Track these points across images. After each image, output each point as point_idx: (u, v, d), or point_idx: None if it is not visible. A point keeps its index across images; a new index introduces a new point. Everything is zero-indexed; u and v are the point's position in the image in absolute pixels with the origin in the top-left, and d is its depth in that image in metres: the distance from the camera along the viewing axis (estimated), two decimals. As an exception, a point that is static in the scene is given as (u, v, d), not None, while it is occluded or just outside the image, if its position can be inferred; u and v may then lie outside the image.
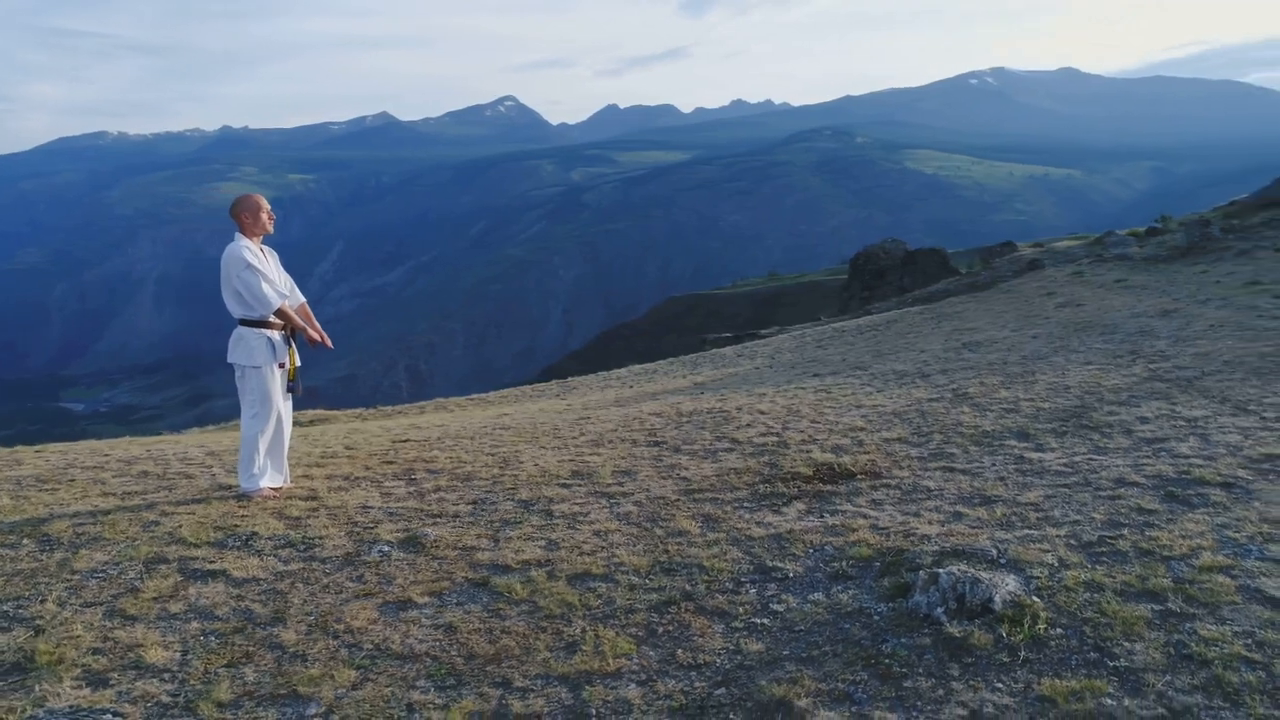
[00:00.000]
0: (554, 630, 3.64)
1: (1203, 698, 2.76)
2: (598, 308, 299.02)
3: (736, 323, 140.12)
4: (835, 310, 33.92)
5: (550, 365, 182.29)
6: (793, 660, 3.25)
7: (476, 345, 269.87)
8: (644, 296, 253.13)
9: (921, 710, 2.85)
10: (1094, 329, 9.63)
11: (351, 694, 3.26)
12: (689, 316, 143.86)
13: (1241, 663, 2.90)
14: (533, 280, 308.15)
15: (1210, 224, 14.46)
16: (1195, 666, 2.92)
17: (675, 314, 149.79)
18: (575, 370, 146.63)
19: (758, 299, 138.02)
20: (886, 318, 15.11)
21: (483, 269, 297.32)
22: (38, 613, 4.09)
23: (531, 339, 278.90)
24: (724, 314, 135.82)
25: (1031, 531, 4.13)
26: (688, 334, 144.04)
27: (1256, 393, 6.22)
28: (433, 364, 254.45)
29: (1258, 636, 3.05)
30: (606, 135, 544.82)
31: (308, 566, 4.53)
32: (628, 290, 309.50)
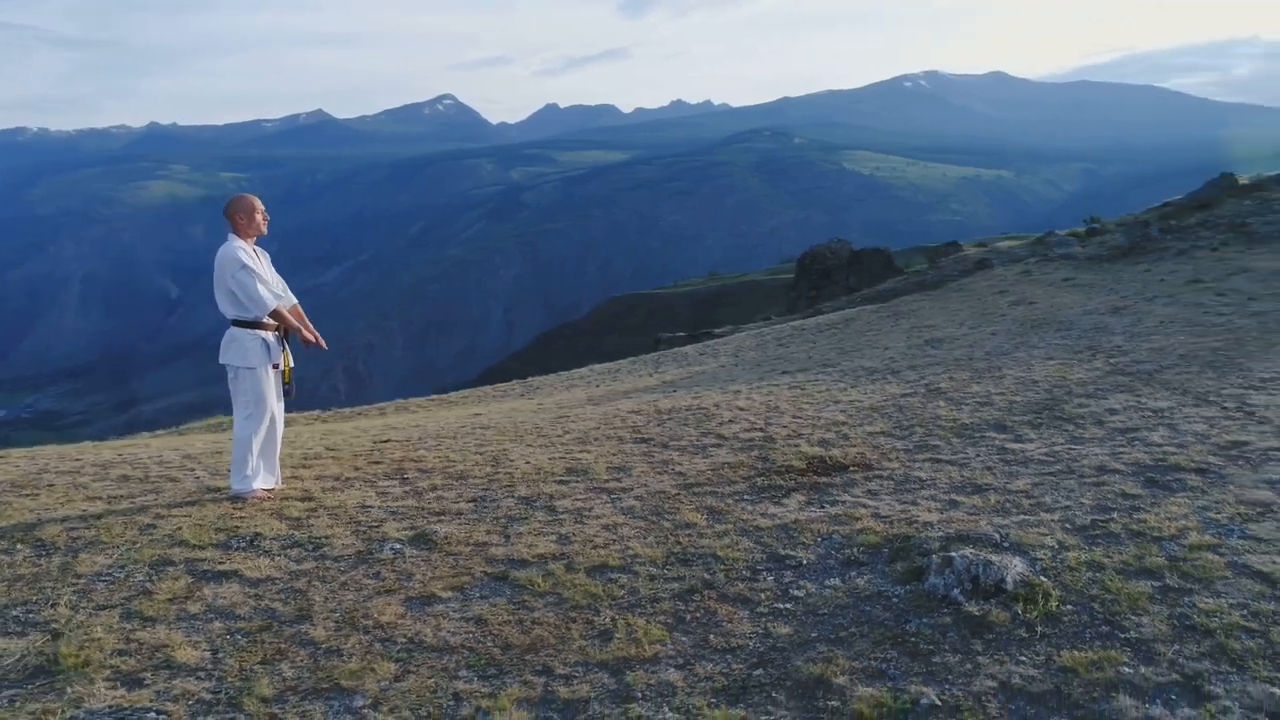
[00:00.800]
0: (584, 620, 3.75)
1: (1210, 664, 2.99)
2: (539, 307, 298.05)
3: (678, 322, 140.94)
4: (783, 309, 34.43)
5: (493, 366, 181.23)
6: (823, 641, 3.41)
7: (416, 346, 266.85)
8: (585, 296, 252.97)
9: (954, 683, 3.03)
10: (1050, 326, 10.03)
11: (395, 685, 3.33)
12: (631, 316, 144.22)
13: (1241, 631, 3.14)
14: (473, 280, 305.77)
15: (1149, 225, 15.10)
16: (1200, 636, 3.15)
17: (617, 314, 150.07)
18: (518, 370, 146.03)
19: (700, 299, 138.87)
20: (843, 316, 15.46)
21: (422, 269, 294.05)
22: (51, 617, 4.07)
23: (472, 339, 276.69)
24: (666, 314, 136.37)
25: (1027, 517, 4.36)
26: (630, 334, 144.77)
27: (1214, 384, 6.59)
28: (371, 365, 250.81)
29: (1252, 607, 3.29)
30: (546, 135, 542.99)
31: (321, 565, 4.56)
32: (569, 290, 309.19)
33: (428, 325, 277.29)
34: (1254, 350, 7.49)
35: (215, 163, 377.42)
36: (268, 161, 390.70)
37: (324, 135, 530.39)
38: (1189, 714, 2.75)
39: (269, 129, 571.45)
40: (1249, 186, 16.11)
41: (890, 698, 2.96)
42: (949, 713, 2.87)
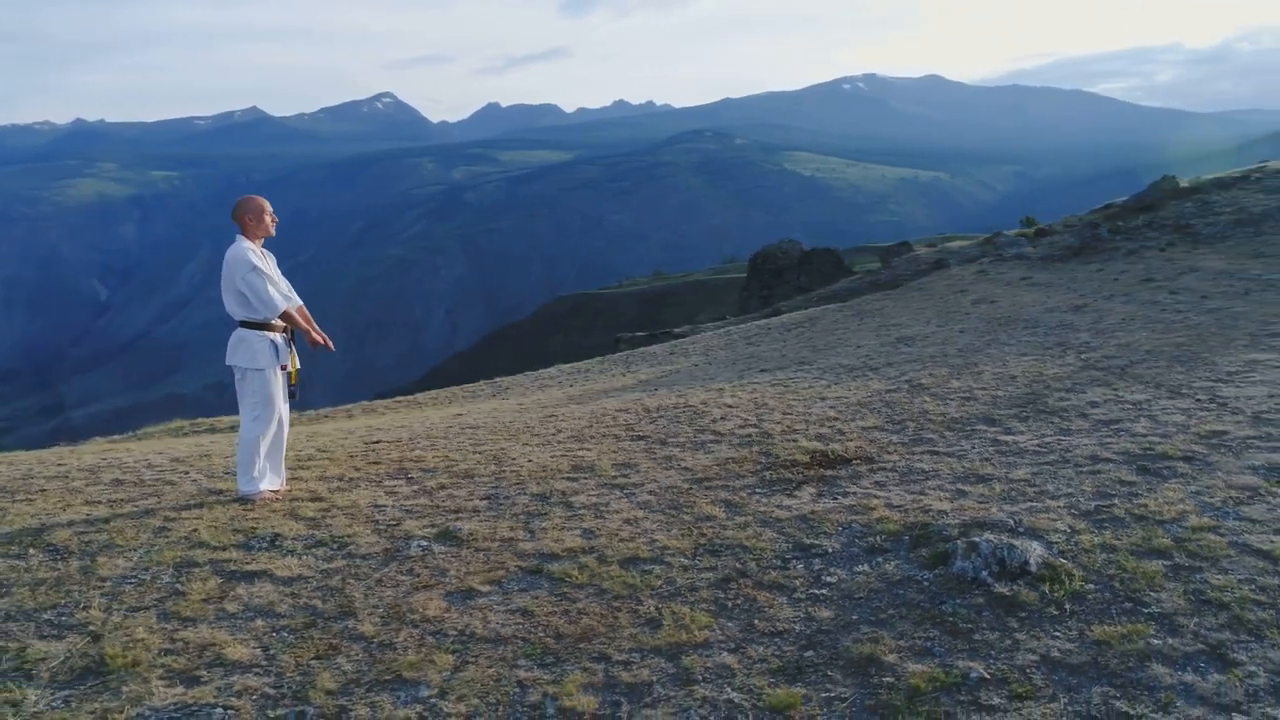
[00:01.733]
0: (629, 609, 3.88)
1: (1230, 634, 3.24)
2: (482, 308, 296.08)
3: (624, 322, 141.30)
4: (733, 308, 34.85)
5: (436, 367, 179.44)
6: (865, 623, 3.59)
7: (356, 347, 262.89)
8: (529, 296, 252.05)
9: (997, 658, 3.24)
10: (1016, 323, 10.42)
11: (457, 676, 3.42)
12: (576, 316, 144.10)
13: (1253, 604, 3.40)
14: (414, 280, 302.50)
15: (1099, 226, 15.71)
16: (1216, 609, 3.40)
17: (561, 314, 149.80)
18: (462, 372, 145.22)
19: (645, 298, 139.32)
20: (807, 315, 15.78)
21: (362, 269, 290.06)
22: (85, 619, 4.07)
23: (414, 340, 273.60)
24: (612, 313, 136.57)
25: (1034, 504, 4.61)
26: (576, 334, 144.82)
27: (1184, 378, 6.96)
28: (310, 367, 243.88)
29: (1259, 582, 3.56)
30: (488, 134, 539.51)
31: (351, 564, 4.62)
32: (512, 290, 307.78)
33: (368, 326, 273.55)
34: (1215, 345, 7.91)
35: (145, 161, 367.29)
36: (201, 160, 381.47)
37: (259, 133, 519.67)
38: (1218, 679, 2.99)
39: (202, 126, 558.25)
40: (1189, 189, 16.85)
41: (941, 673, 3.15)
42: (997, 685, 3.07)
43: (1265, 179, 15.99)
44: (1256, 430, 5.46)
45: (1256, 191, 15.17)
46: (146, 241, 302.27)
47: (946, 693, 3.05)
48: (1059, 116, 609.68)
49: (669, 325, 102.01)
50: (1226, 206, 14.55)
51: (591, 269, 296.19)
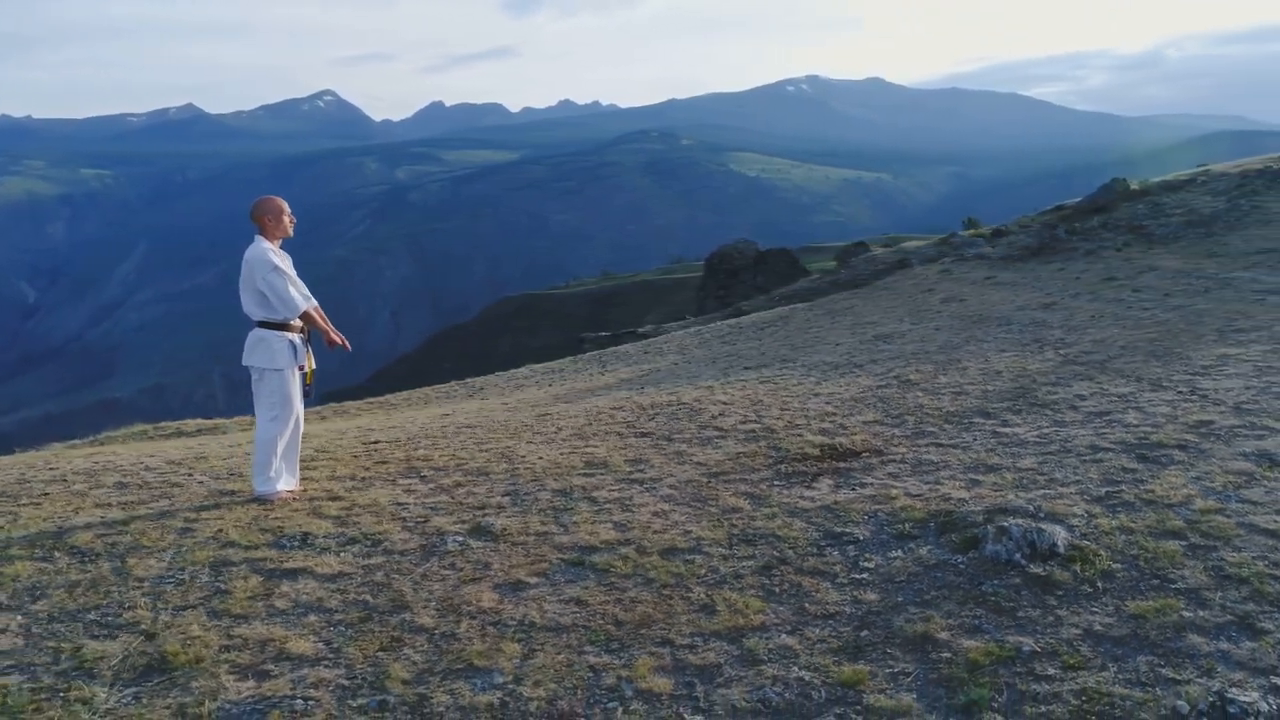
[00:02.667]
0: (680, 597, 4.03)
1: (1255, 605, 3.50)
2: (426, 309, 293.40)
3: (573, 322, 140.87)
4: (692, 308, 35.18)
5: (381, 369, 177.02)
6: (912, 604, 3.78)
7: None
8: (474, 297, 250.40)
9: (1043, 633, 3.45)
10: (989, 321, 10.79)
11: (527, 663, 3.54)
12: (523, 317, 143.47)
13: (1270, 578, 3.67)
14: (358, 281, 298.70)
15: (1056, 227, 16.27)
16: (1237, 584, 3.66)
17: (508, 314, 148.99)
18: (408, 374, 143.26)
19: (593, 298, 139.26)
20: (777, 314, 16.07)
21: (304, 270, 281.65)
22: (133, 619, 4.09)
23: (358, 341, 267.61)
24: (559, 314, 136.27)
25: (1047, 491, 4.86)
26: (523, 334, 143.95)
27: (1162, 372, 7.33)
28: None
29: (1272, 558, 3.84)
30: (432, 133, 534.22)
31: (391, 560, 4.69)
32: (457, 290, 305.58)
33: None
34: (1186, 341, 8.32)
35: (76, 158, 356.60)
36: (134, 158, 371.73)
37: (195, 131, 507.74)
38: (1251, 646, 3.24)
39: (135, 123, 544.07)
40: (1139, 191, 17.53)
41: (995, 647, 3.35)
42: (1049, 657, 3.29)
43: (1210, 182, 16.71)
44: (1240, 420, 5.80)
45: (1204, 194, 15.86)
46: (77, 241, 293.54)
47: (1003, 665, 3.25)
48: (995, 119, 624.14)
49: (618, 325, 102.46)
50: (1177, 208, 15.19)
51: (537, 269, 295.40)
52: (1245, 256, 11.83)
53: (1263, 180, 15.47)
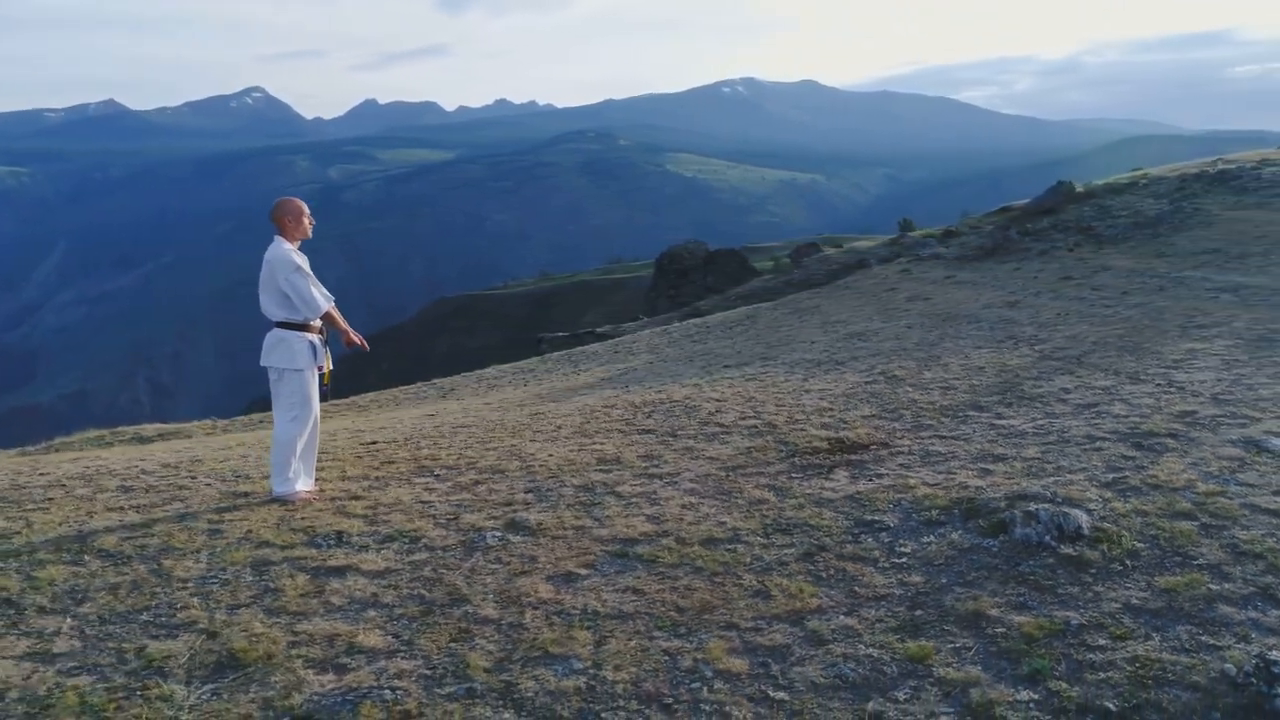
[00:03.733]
0: (733, 584, 4.20)
1: (1274, 578, 3.80)
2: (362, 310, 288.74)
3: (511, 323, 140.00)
4: (641, 309, 35.41)
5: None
6: (957, 585, 4.01)
7: (230, 354, 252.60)
8: (411, 298, 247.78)
9: (1086, 608, 3.71)
10: (958, 319, 11.19)
11: (602, 649, 3.67)
12: (461, 317, 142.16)
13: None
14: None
15: (1009, 228, 16.88)
16: (1253, 558, 3.97)
17: (446, 315, 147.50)
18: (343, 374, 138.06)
19: (532, 299, 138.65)
20: (743, 314, 16.35)
21: (234, 271, 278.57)
22: (189, 618, 4.12)
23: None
24: (498, 314, 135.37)
25: (1057, 478, 5.15)
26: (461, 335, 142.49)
27: (1137, 366, 7.74)
28: (179, 376, 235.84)
29: (1279, 535, 4.16)
30: (366, 131, 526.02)
31: (434, 556, 4.77)
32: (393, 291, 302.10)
33: (243, 331, 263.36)
34: (1152, 336, 8.77)
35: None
36: (51, 154, 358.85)
37: (117, 127, 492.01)
38: (1277, 614, 3.54)
39: (53, 119, 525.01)
40: (1085, 194, 18.26)
41: (1046, 621, 3.59)
42: (1096, 629, 3.54)
43: (1151, 185, 17.50)
44: (1220, 410, 6.19)
45: (1147, 196, 16.61)
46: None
47: (1056, 638, 3.49)
48: (926, 123, 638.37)
49: (557, 326, 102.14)
50: (1123, 210, 15.88)
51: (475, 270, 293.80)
52: (1193, 256, 12.47)
53: (1200, 184, 16.26)
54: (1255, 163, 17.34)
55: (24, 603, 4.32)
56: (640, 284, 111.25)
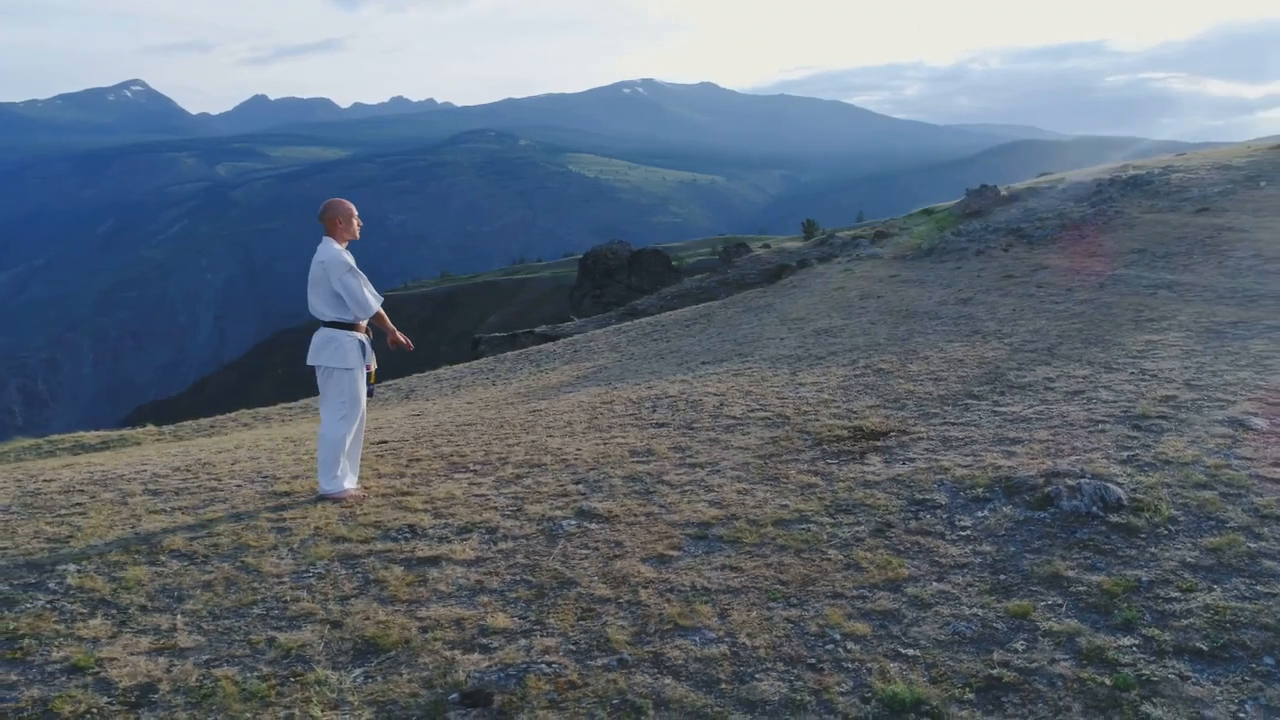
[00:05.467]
0: (821, 559, 4.54)
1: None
2: (254, 313, 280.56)
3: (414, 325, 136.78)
4: (569, 308, 35.56)
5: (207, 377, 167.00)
6: (1026, 552, 4.45)
7: (111, 360, 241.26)
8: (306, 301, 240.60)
9: (1149, 567, 4.18)
10: (918, 315, 11.82)
11: (727, 620, 3.96)
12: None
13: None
14: (176, 285, 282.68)
15: (943, 229, 17.78)
16: (1274, 520, 4.53)
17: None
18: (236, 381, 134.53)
19: (434, 300, 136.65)
20: (694, 313, 16.76)
21: (115, 273, 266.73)
22: (304, 610, 4.24)
23: (178, 350, 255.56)
24: (400, 315, 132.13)
25: (1078, 456, 5.67)
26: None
27: (1106, 357, 8.42)
28: (55, 383, 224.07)
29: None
30: (255, 128, 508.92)
31: (519, 544, 4.98)
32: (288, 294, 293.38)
33: (123, 336, 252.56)
34: (1109, 330, 9.53)
35: None
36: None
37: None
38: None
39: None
40: (1008, 197, 19.38)
41: (1120, 579, 4.05)
42: (1164, 584, 4.01)
43: (1070, 189, 18.69)
44: (1197, 394, 6.86)
45: (1068, 200, 17.75)
46: None
47: (1134, 593, 3.95)
48: (821, 125, 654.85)
49: (461, 327, 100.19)
50: (1048, 213, 16.94)
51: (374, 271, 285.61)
52: (1121, 256, 13.46)
53: (1115, 188, 17.47)
54: (1162, 168, 18.72)
55: (122, 602, 4.36)
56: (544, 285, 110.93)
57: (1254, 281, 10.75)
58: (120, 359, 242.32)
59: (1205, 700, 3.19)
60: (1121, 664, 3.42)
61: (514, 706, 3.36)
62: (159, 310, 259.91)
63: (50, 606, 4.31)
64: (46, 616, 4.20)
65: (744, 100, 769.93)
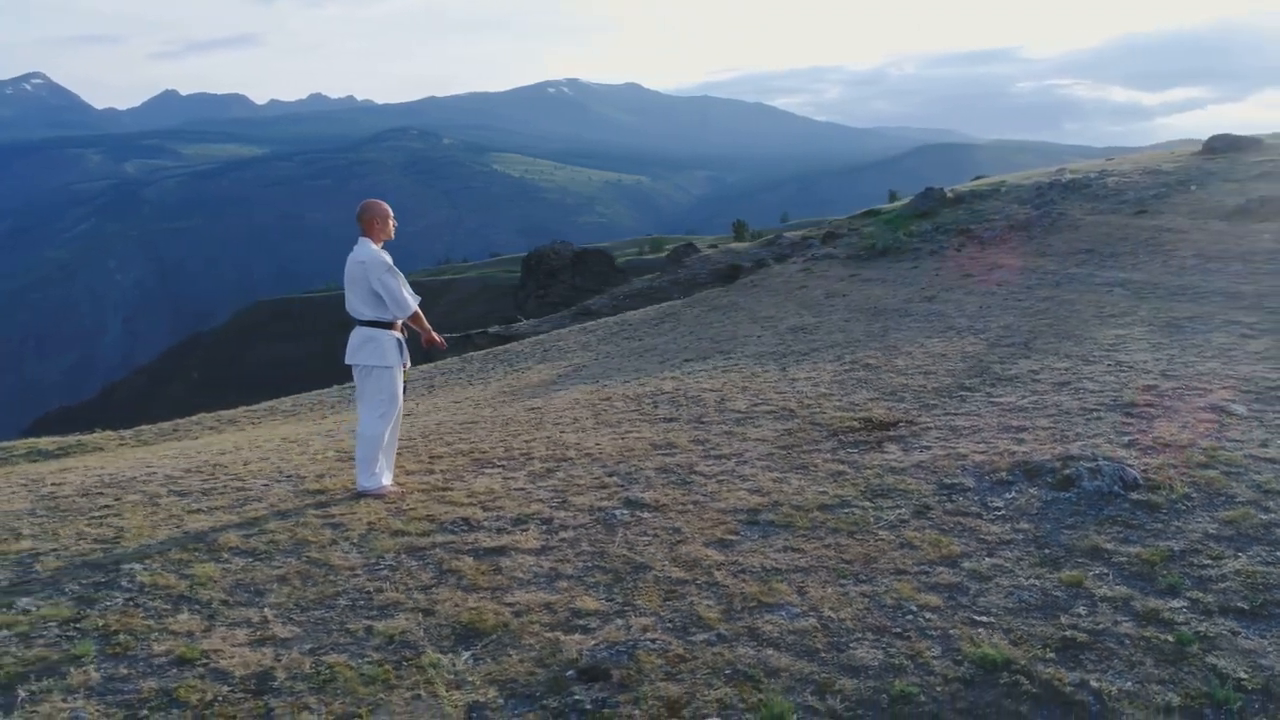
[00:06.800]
0: (875, 539, 4.85)
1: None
2: (166, 315, 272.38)
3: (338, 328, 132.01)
4: (512, 308, 35.50)
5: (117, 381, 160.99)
6: (1062, 529, 4.83)
7: (15, 364, 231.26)
8: (222, 302, 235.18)
9: (1176, 538, 4.60)
10: (888, 313, 12.31)
11: (805, 596, 4.24)
12: (280, 322, 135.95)
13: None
14: (83, 286, 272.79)
15: (896, 230, 18.42)
16: (1277, 494, 5.00)
17: (264, 320, 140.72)
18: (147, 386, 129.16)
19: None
20: (659, 312, 17.02)
21: (17, 275, 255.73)
22: (391, 600, 4.39)
23: (86, 353, 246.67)
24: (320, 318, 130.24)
25: (1082, 441, 6.11)
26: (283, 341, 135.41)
27: (1080, 350, 8.96)
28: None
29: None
30: (166, 124, 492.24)
31: (579, 533, 5.18)
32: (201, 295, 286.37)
33: (26, 339, 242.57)
34: (1077, 325, 10.10)
35: None
36: None
37: None
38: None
39: None
40: (953, 199, 20.14)
41: (1155, 549, 4.45)
42: (1195, 553, 4.43)
43: (1012, 191, 19.55)
44: (1176, 383, 7.40)
45: (1012, 202, 18.57)
46: None
47: (1170, 561, 4.35)
48: (744, 127, 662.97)
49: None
50: (994, 214, 17.70)
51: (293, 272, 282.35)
52: (1071, 255, 14.19)
53: (1055, 191, 18.34)
54: (1097, 172, 19.70)
55: (202, 598, 4.45)
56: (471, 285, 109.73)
57: (1200, 279, 11.52)
58: (24, 362, 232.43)
59: (1259, 652, 3.58)
60: (1177, 623, 3.80)
61: (633, 680, 3.57)
62: (64, 313, 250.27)
63: (132, 603, 4.37)
64: (132, 613, 4.26)
65: (669, 101, 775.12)
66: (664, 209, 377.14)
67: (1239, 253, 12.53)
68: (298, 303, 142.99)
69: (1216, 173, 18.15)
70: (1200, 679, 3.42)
